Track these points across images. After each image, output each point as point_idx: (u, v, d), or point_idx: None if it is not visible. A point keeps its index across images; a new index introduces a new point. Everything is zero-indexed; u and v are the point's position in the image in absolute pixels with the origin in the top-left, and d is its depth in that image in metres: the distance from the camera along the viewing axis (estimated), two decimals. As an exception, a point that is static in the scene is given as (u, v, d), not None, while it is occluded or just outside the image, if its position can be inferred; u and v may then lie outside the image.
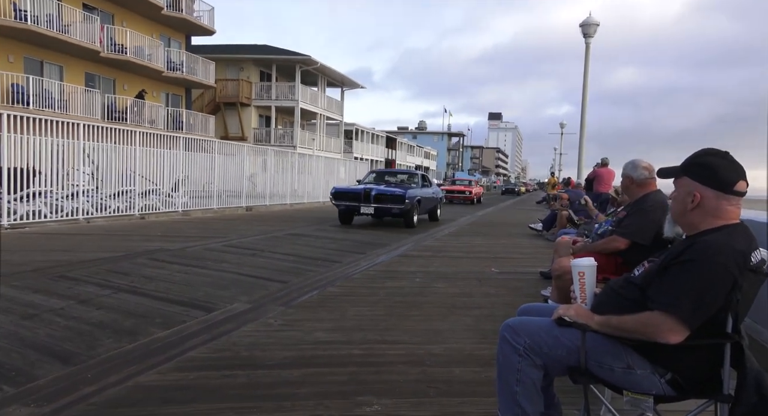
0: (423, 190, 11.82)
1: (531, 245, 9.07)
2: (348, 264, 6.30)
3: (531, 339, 1.89)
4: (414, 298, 4.62)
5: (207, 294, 4.50)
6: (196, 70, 24.47)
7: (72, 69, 19.11)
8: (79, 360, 2.85)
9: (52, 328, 3.38)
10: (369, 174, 13.17)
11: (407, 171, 13.81)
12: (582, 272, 2.02)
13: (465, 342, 3.41)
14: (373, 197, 10.62)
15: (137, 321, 3.61)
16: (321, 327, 3.63)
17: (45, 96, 16.75)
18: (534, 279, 5.69)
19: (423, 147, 68.96)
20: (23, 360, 2.82)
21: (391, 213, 10.64)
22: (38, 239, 7.43)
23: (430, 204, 12.41)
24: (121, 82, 21.56)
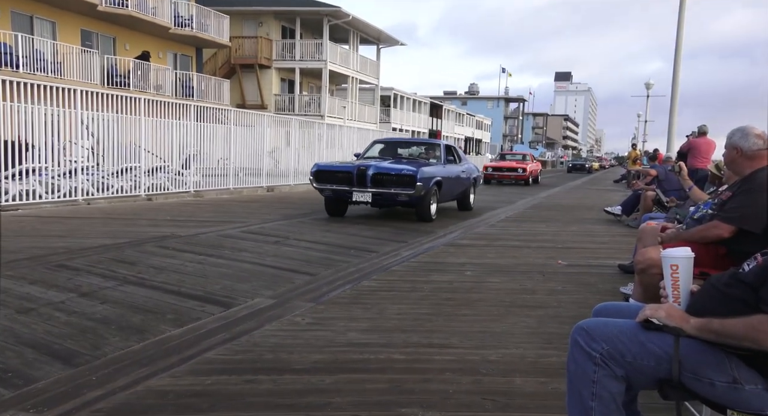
0: (447, 168, 10.13)
1: (607, 232, 8.92)
2: (386, 254, 6.35)
3: (610, 345, 1.86)
4: (465, 295, 4.63)
5: (225, 287, 4.61)
6: (208, 26, 24.83)
7: (66, 26, 19.71)
8: (82, 361, 2.98)
9: (52, 324, 3.54)
10: (372, 145, 11.37)
11: (425, 141, 12.27)
12: (675, 265, 1.96)
13: (527, 347, 3.40)
14: (370, 178, 8.83)
15: (146, 317, 3.74)
16: (356, 327, 3.68)
17: (36, 57, 17.36)
18: (611, 274, 5.60)
19: (474, 115, 68.16)
20: (20, 359, 2.97)
21: (397, 201, 8.93)
22: (33, 223, 7.77)
23: (458, 187, 10.76)
24: (122, 42, 22.11)
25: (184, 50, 25.45)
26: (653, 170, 9.75)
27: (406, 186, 8.76)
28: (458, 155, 11.40)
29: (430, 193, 9.10)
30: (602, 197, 17.22)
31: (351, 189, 8.95)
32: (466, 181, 11.13)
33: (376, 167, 8.94)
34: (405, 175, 8.79)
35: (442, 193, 9.72)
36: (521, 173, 22.57)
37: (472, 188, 11.60)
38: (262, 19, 30.17)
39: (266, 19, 30.13)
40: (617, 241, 7.92)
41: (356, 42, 34.16)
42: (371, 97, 37.46)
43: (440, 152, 10.67)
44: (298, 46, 30.29)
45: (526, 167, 22.78)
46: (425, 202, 9.12)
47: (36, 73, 16.84)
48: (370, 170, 8.89)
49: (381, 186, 8.86)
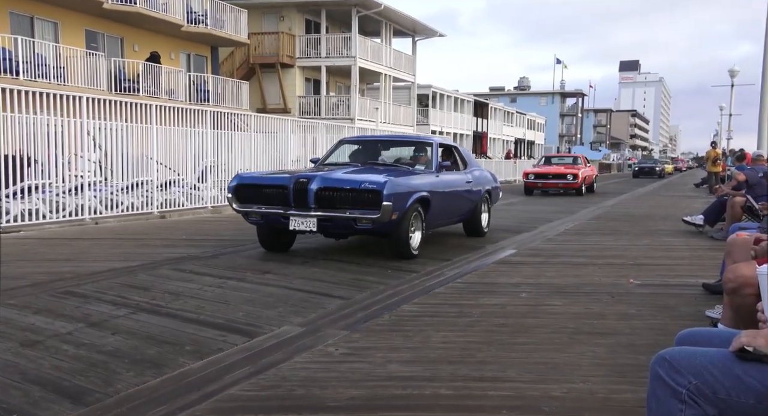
0: (441, 178, 8.13)
1: (687, 245, 8.75)
2: (428, 274, 6.36)
3: (699, 379, 1.82)
4: (520, 320, 4.59)
5: (248, 314, 4.66)
6: (224, 22, 25.39)
7: (69, 26, 20.40)
8: (93, 399, 3.04)
9: (59, 358, 3.63)
10: (338, 146, 9.28)
11: (412, 139, 10.53)
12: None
13: (596, 382, 3.35)
14: (313, 194, 6.81)
15: (162, 349, 3.80)
16: (396, 358, 3.67)
17: (37, 62, 17.99)
18: (694, 294, 5.48)
19: (525, 114, 67.81)
20: (26, 398, 3.05)
21: (356, 229, 6.91)
22: (36, 246, 8.01)
23: (461, 205, 8.77)
24: (130, 42, 22.77)
25: (199, 50, 26.04)
26: (741, 174, 9.53)
27: (367, 206, 6.65)
28: (463, 159, 9.45)
29: (408, 216, 6.97)
30: (679, 204, 16.88)
31: (286, 212, 6.91)
32: (473, 195, 9.06)
33: (322, 179, 6.86)
34: (365, 190, 6.67)
35: (432, 214, 7.64)
36: (571, 180, 20.75)
37: (484, 205, 9.55)
38: (284, 13, 30.67)
39: (288, 12, 30.60)
40: (700, 256, 7.77)
41: (389, 35, 34.43)
42: (407, 97, 37.60)
43: (432, 155, 8.44)
44: (323, 42, 30.65)
45: (577, 172, 20.95)
46: (400, 230, 6.96)
47: (38, 79, 17.46)
48: (314, 182, 6.80)
49: (331, 207, 6.81)
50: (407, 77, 36.13)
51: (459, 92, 52.23)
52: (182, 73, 23.54)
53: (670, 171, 53.77)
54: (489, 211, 9.89)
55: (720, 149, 26.65)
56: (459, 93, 51.90)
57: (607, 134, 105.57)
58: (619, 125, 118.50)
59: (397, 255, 7.17)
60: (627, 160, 75.98)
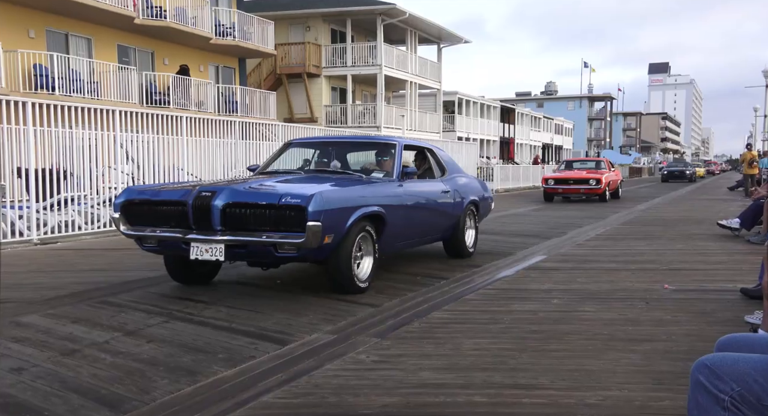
0: (403, 188, 6.52)
1: (723, 250, 8.58)
2: (457, 281, 6.33)
3: (742, 386, 1.78)
4: (552, 326, 4.55)
5: (279, 322, 4.70)
6: (251, 33, 25.70)
7: (102, 41, 20.83)
8: (130, 406, 3.08)
9: (97, 366, 3.68)
10: (285, 149, 7.64)
11: (375, 140, 8.61)
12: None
13: (632, 389, 3.29)
14: (219, 212, 5.19)
15: (197, 357, 3.84)
16: (428, 365, 3.66)
17: (72, 78, 18.39)
18: (732, 300, 5.37)
19: (552, 118, 67.35)
20: (66, 405, 3.10)
21: (278, 257, 5.25)
22: (73, 257, 8.16)
23: (435, 221, 7.26)
24: (160, 56, 23.16)
25: (227, 62, 26.37)
26: None
27: (289, 228, 5.06)
28: (441, 164, 7.87)
29: (349, 238, 5.41)
30: (714, 208, 16.58)
31: (185, 236, 5.29)
32: (452, 208, 7.51)
33: (231, 192, 5.23)
34: (286, 206, 5.04)
35: (391, 234, 6.13)
36: (594, 185, 19.47)
37: (469, 220, 8.03)
38: (310, 23, 30.95)
39: (314, 22, 30.88)
40: (737, 260, 7.62)
41: (414, 42, 34.51)
42: (433, 104, 37.60)
43: (395, 159, 6.80)
44: (349, 51, 30.84)
45: (600, 177, 19.64)
46: (339, 258, 5.40)
47: (72, 94, 17.83)
48: (220, 196, 5.18)
49: (242, 229, 5.19)
50: (433, 84, 36.15)
51: (485, 98, 52.07)
52: (211, 85, 23.86)
53: (701, 175, 52.32)
54: (476, 227, 8.25)
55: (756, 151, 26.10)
56: (485, 99, 51.74)
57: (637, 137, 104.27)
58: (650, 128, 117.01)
59: (337, 289, 5.58)
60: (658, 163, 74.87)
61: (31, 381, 3.41)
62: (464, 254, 7.88)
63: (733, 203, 18.00)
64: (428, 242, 7.60)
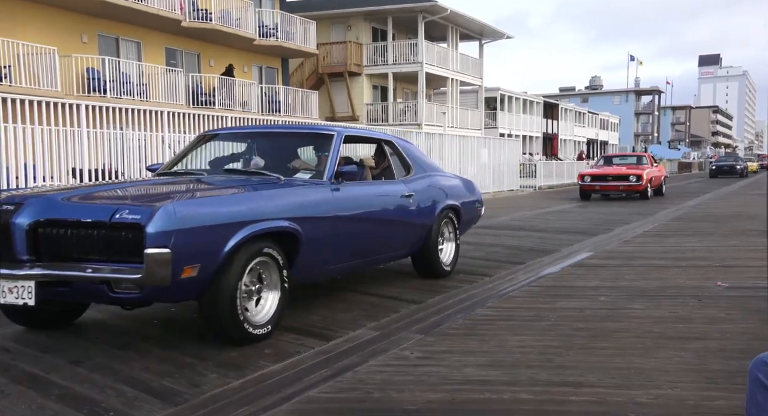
0: (341, 192, 4.95)
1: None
2: (501, 278, 6.28)
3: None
4: (600, 324, 4.47)
5: (323, 318, 4.75)
6: (294, 34, 25.90)
7: (150, 45, 21.29)
8: (181, 399, 3.17)
9: (149, 360, 3.79)
10: (196, 145, 5.87)
11: (306, 130, 6.40)
12: None
13: (685, 387, 3.22)
14: (23, 235, 3.67)
15: (243, 352, 3.91)
16: (472, 362, 3.66)
17: (122, 81, 18.84)
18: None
19: (597, 114, 66.11)
20: (120, 397, 3.20)
21: (113, 298, 3.68)
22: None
23: (391, 235, 5.68)
24: (206, 58, 23.55)
25: (270, 62, 26.66)
26: None
27: (124, 256, 3.58)
28: (405, 161, 6.26)
29: (232, 269, 3.87)
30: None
31: None
32: (418, 217, 5.91)
33: (43, 205, 3.74)
34: (119, 224, 3.56)
35: (312, 256, 4.58)
36: (634, 181, 18.24)
37: (446, 230, 6.52)
38: (351, 22, 31.06)
39: (355, 21, 30.98)
40: (789, 256, 7.35)
41: (455, 39, 34.30)
42: (474, 100, 37.32)
43: (329, 155, 5.17)
44: (390, 49, 30.83)
45: (641, 173, 18.38)
46: (217, 296, 3.85)
47: (123, 96, 18.28)
48: (25, 212, 3.68)
49: (62, 258, 3.69)
50: (474, 81, 35.86)
51: (527, 94, 51.45)
52: (254, 86, 24.14)
53: (754, 170, 50.05)
54: (456, 239, 6.63)
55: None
56: (528, 95, 51.12)
57: (687, 131, 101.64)
58: (700, 122, 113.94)
59: (221, 338, 4.03)
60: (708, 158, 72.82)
61: None
62: (438, 273, 6.28)
63: (786, 198, 17.41)
64: (386, 260, 5.97)
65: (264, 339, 4.08)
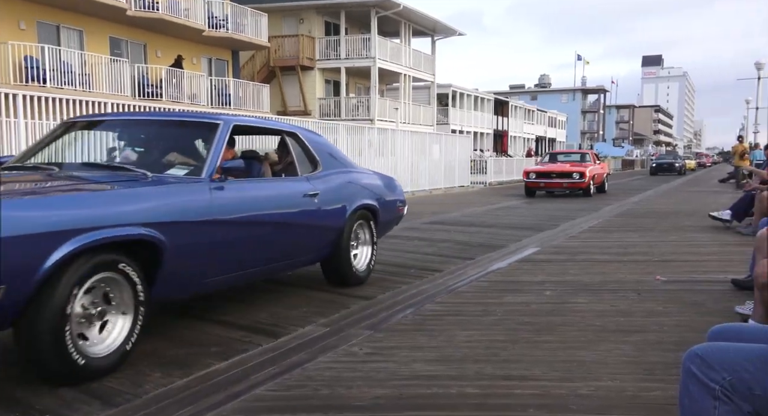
0: (223, 193, 4.18)
1: (714, 241, 8.61)
2: (451, 273, 6.32)
3: (734, 375, 1.79)
4: (545, 318, 4.55)
5: (272, 315, 4.69)
6: (244, 26, 25.56)
7: (94, 34, 20.67)
8: (122, 400, 3.08)
9: (89, 358, 3.66)
10: (59, 133, 4.97)
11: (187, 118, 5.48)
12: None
13: (624, 379, 3.31)
14: None
15: (189, 350, 3.83)
16: (421, 357, 3.67)
17: (63, 70, 18.24)
18: (723, 291, 5.38)
19: (546, 111, 67.39)
20: (58, 400, 3.09)
21: None
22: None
23: (294, 240, 5.03)
24: (153, 48, 23.01)
25: (219, 54, 26.24)
26: (765, 172, 9.28)
27: None
28: (311, 156, 5.49)
29: (58, 292, 3.10)
30: (706, 200, 16.64)
31: None
32: (323, 219, 5.26)
33: None
34: None
35: (179, 269, 3.86)
36: (577, 179, 18.41)
37: (362, 233, 5.93)
38: (303, 16, 30.83)
39: (308, 15, 30.77)
40: (728, 251, 7.64)
41: (408, 35, 34.43)
42: (426, 97, 37.55)
43: (211, 148, 4.40)
44: (343, 43, 30.75)
45: (584, 170, 18.56)
46: (36, 326, 3.09)
47: (64, 87, 17.70)
48: None
49: None
50: (427, 77, 36.08)
51: (479, 91, 52.04)
52: (204, 78, 23.72)
53: (692, 167, 51.82)
54: (372, 242, 6.01)
55: (747, 143, 26.18)
56: (479, 92, 51.72)
57: (630, 130, 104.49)
58: (642, 120, 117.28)
59: (43, 373, 3.24)
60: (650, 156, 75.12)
61: (22, 374, 3.38)
62: (350, 281, 5.62)
63: (725, 194, 18.05)
64: (286, 268, 5.35)
65: (109, 373, 3.35)
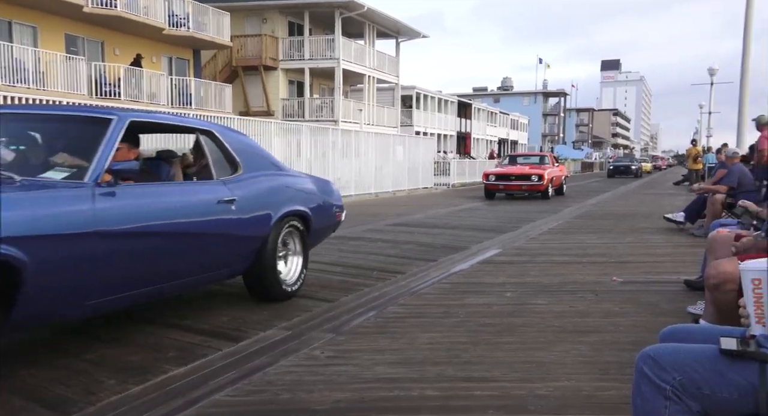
0: (114, 199, 3.65)
1: (669, 243, 8.82)
2: (414, 275, 6.34)
3: (683, 375, 1.83)
4: (505, 319, 4.60)
5: (233, 319, 4.63)
6: (206, 25, 25.26)
7: (48, 30, 20.17)
8: (74, 408, 3.00)
9: (39, 368, 3.57)
10: None
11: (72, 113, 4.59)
12: (758, 280, 1.92)
13: (581, 379, 3.37)
14: None
15: (145, 356, 3.76)
16: (382, 360, 3.67)
17: (16, 67, 17.78)
18: (676, 291, 5.52)
19: (508, 114, 68.13)
20: (4, 409, 3.00)
21: None
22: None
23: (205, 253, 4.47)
24: (110, 46, 22.57)
25: (180, 53, 25.88)
26: (723, 187, 9.31)
27: None
28: (230, 156, 4.93)
29: None
30: (661, 202, 17.02)
31: None
32: (242, 228, 4.69)
33: None
34: None
35: (46, 294, 3.27)
36: (536, 181, 18.42)
37: (292, 242, 5.39)
38: (267, 15, 30.62)
39: (271, 14, 30.56)
40: (681, 253, 7.82)
41: (372, 36, 34.46)
42: (390, 98, 37.64)
43: (99, 147, 3.78)
44: (307, 44, 30.63)
45: (542, 172, 18.56)
46: None
47: (16, 84, 17.25)
48: None
49: None
50: (391, 79, 36.15)
51: (442, 93, 52.35)
52: (164, 77, 23.37)
53: (648, 170, 52.86)
54: (304, 252, 5.46)
55: (700, 147, 26.86)
56: (442, 94, 52.02)
57: (590, 133, 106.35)
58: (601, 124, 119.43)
59: None
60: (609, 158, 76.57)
61: (-29, 383, 3.29)
62: (275, 295, 5.10)
63: (679, 197, 18.49)
64: (198, 283, 4.68)
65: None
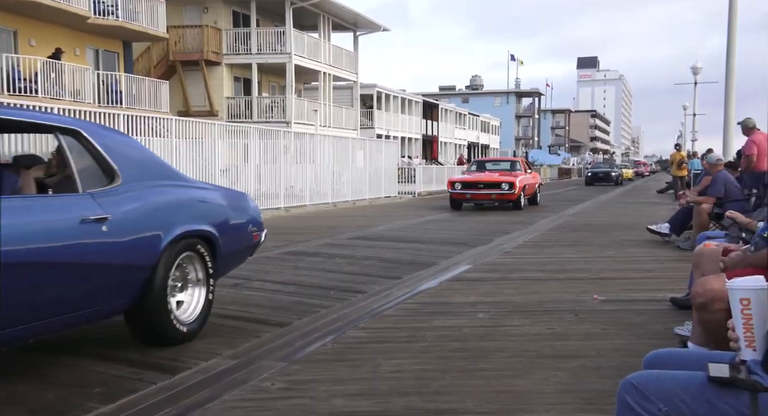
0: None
1: (653, 257, 8.95)
2: (376, 295, 6.33)
3: (669, 405, 1.86)
4: (478, 343, 4.61)
5: (169, 347, 4.52)
6: (138, 13, 24.93)
7: (-50, 18, 19.65)
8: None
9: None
10: None
11: None
12: (746, 300, 1.96)
13: (561, 410, 3.39)
14: None
15: (64, 393, 3.66)
16: (341, 392, 3.64)
17: None
18: (662, 310, 5.61)
19: (478, 115, 68.78)
20: None
21: None
22: None
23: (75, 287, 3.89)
24: (25, 36, 22.05)
25: (108, 45, 25.48)
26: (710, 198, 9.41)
27: None
28: (103, 161, 4.27)
29: None
30: (644, 212, 17.37)
31: None
32: (115, 255, 4.08)
33: None
34: None
35: None
36: (506, 190, 18.10)
37: (194, 271, 4.79)
38: (208, 4, 30.39)
39: (213, 3, 30.35)
40: (667, 268, 7.93)
41: (328, 29, 34.49)
42: (349, 98, 37.69)
43: None
44: (254, 36, 30.48)
45: (513, 180, 18.28)
46: None
47: None
48: None
49: None
50: (349, 76, 36.22)
51: (406, 92, 52.64)
52: (89, 72, 22.94)
53: (629, 177, 53.69)
54: (208, 282, 4.83)
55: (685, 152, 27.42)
56: (406, 93, 52.32)
57: (566, 136, 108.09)
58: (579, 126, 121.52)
59: None
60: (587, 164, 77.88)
61: None
62: (167, 337, 4.49)
63: (663, 206, 18.89)
64: (57, 327, 3.96)
65: None
